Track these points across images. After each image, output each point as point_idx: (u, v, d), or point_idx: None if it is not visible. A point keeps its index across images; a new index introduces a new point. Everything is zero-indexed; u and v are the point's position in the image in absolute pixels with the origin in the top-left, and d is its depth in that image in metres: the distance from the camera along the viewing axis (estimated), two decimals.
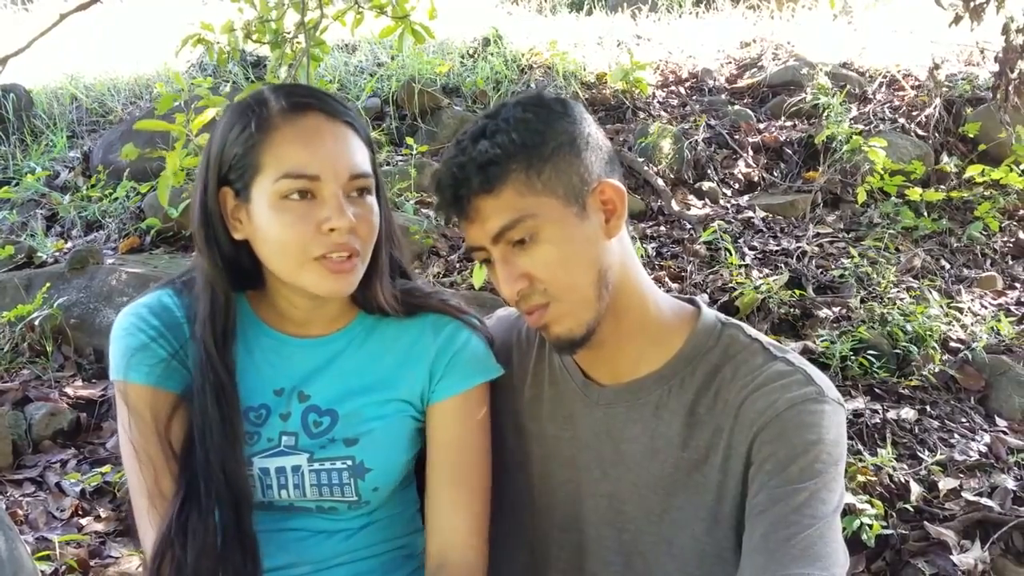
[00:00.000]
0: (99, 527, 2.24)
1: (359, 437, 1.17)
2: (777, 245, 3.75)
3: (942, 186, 4.30)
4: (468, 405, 1.21)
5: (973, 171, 4.20)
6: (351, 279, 1.11)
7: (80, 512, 2.30)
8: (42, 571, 1.98)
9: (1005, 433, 2.64)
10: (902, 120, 4.65)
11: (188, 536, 1.06)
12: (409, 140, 4.30)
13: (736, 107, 4.91)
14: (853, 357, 2.85)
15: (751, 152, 4.55)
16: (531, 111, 1.07)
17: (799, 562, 0.95)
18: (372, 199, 1.14)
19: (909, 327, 2.99)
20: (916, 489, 2.32)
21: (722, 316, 1.18)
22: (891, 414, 2.64)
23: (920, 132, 4.58)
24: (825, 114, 4.64)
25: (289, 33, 2.53)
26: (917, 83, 5.00)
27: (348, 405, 1.19)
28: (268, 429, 1.17)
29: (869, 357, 2.85)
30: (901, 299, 3.29)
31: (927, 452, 2.51)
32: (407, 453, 1.22)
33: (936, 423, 2.66)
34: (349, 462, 1.17)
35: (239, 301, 1.18)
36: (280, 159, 1.07)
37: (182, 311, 1.17)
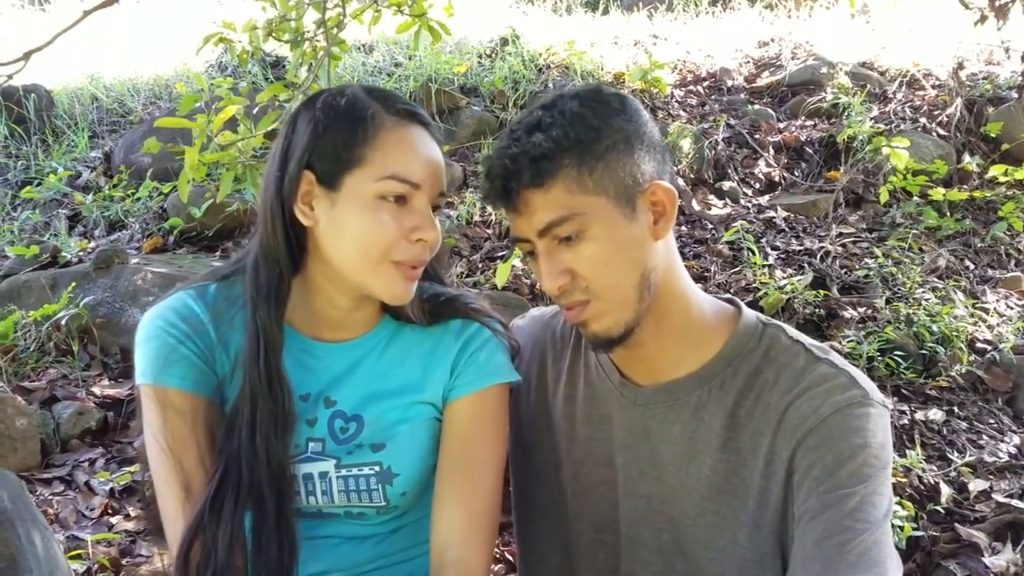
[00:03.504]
0: (129, 526, 2.24)
1: (385, 442, 1.17)
2: (800, 245, 3.72)
3: (965, 186, 4.27)
4: (481, 405, 1.20)
5: (996, 171, 4.17)
6: (413, 288, 1.12)
7: (110, 511, 2.30)
8: (75, 570, 1.98)
9: None
10: (923, 120, 4.63)
11: (221, 523, 1.03)
12: None
13: (755, 106, 4.89)
14: (880, 358, 2.83)
15: (771, 152, 4.53)
16: (588, 106, 1.05)
17: (855, 568, 0.93)
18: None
19: (935, 328, 2.97)
20: (946, 491, 2.30)
21: (763, 317, 1.17)
22: (919, 415, 2.62)
23: (941, 132, 4.55)
24: (845, 113, 4.61)
25: (309, 32, 2.53)
26: (937, 82, 4.97)
27: (373, 410, 1.18)
28: (295, 435, 1.15)
29: (896, 358, 2.83)
30: (926, 299, 3.27)
31: (956, 453, 2.49)
32: (434, 456, 1.21)
33: (964, 424, 2.64)
34: (376, 468, 1.16)
35: None
36: (388, 159, 1.08)
37: (206, 314, 1.15)
